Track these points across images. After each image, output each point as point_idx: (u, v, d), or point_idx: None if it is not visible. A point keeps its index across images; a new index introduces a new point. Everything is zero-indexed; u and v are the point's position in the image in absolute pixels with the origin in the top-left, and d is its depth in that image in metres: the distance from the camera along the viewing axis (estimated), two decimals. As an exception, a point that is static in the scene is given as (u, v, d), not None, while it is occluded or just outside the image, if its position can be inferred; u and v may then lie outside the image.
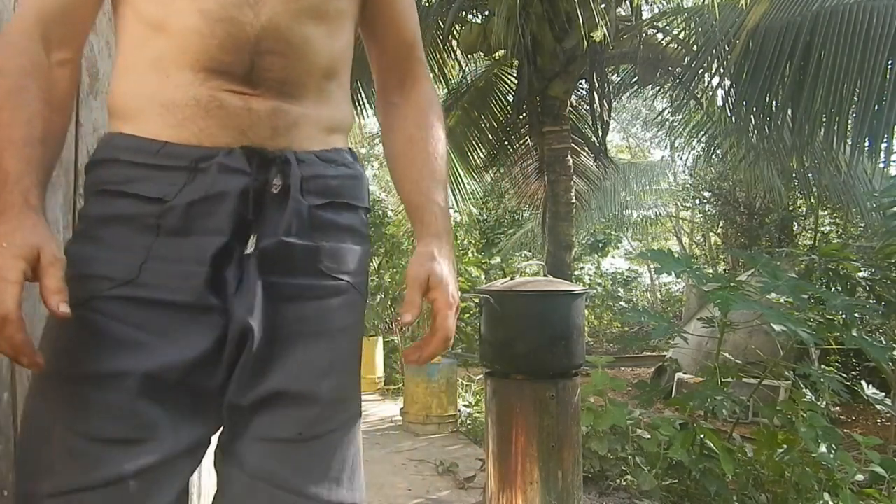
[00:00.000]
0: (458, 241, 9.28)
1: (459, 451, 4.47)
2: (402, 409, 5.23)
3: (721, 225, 11.27)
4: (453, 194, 8.12)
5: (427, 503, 3.57)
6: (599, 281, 13.06)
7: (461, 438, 4.82)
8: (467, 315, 8.00)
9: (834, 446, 4.52)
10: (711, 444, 4.24)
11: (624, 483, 4.24)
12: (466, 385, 6.01)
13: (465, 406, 5.54)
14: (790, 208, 9.52)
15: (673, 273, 5.36)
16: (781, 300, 4.65)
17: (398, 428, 5.15)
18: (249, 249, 0.91)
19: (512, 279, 2.37)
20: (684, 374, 6.27)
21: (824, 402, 4.87)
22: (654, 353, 7.96)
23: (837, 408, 5.96)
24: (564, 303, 2.30)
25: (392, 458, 4.40)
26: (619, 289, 12.94)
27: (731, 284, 4.50)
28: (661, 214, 13.03)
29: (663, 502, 4.13)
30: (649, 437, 4.45)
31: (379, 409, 5.80)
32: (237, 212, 0.90)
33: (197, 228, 0.89)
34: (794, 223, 9.96)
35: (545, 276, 2.52)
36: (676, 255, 4.88)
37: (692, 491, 4.25)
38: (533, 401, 2.23)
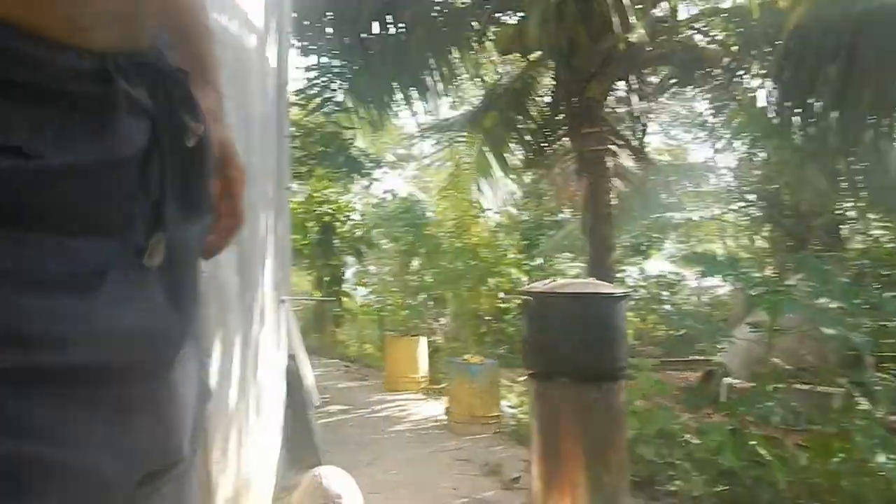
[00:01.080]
0: (498, 243, 9.25)
1: (503, 452, 4.44)
2: (446, 408, 5.22)
3: (767, 228, 11.04)
4: (491, 194, 8.11)
5: (473, 503, 3.55)
6: (643, 284, 12.89)
7: (505, 439, 4.80)
8: (510, 315, 7.97)
9: (892, 456, 4.39)
10: (763, 452, 4.16)
11: (673, 489, 4.16)
12: (510, 386, 5.98)
13: (509, 407, 5.50)
14: (838, 211, 9.29)
15: (719, 276, 5.28)
16: (832, 305, 4.54)
17: (442, 427, 5.14)
18: (154, 260, 0.54)
19: (554, 281, 2.35)
20: (733, 378, 6.13)
21: (881, 412, 4.72)
22: (700, 358, 7.82)
23: (894, 417, 5.77)
24: (606, 305, 2.27)
25: (436, 457, 4.39)
26: (664, 292, 12.76)
27: (780, 288, 4.41)
28: (704, 217, 12.81)
29: (713, 510, 4.04)
30: (698, 442, 4.37)
31: (422, 409, 5.80)
32: (138, 189, 0.53)
33: (75, 220, 0.48)
34: (843, 226, 9.71)
35: (587, 278, 2.49)
36: (722, 259, 4.80)
37: (743, 498, 4.15)
38: (577, 404, 2.20)
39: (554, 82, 6.72)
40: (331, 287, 9.50)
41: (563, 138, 7.37)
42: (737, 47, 5.46)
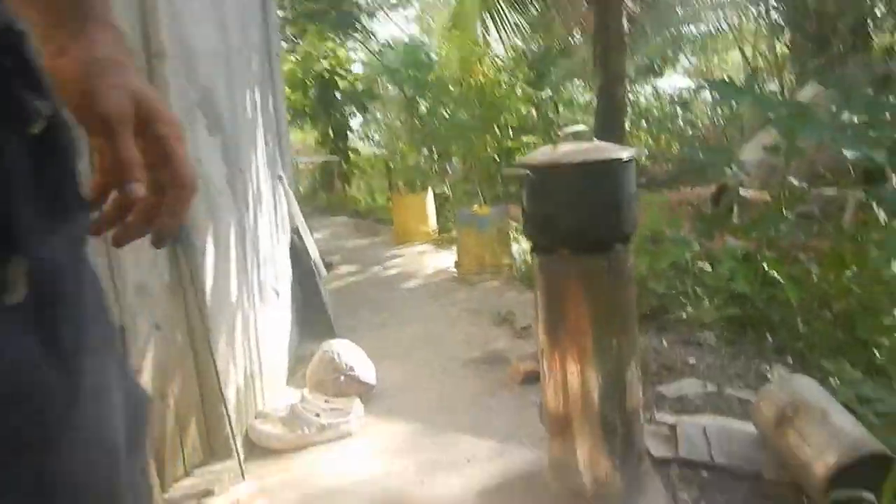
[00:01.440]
0: (506, 80, 8.85)
1: (515, 300, 4.47)
2: (456, 261, 5.23)
3: (787, 32, 10.42)
4: (496, 28, 7.67)
5: (485, 355, 3.62)
6: (656, 104, 12.49)
7: (516, 286, 4.81)
8: (520, 153, 7.76)
9: None
10: (775, 273, 4.15)
11: (684, 316, 4.20)
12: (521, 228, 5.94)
13: (519, 252, 5.47)
14: (864, 8, 8.68)
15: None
16: (854, 119, 4.33)
17: (453, 279, 5.17)
18: (14, 295, 0.42)
19: (554, 148, 2.17)
20: (745, 191, 5.92)
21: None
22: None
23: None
24: (612, 172, 2.08)
25: (448, 310, 4.45)
26: (677, 108, 12.35)
27: (799, 111, 4.19)
28: (721, 28, 12.09)
29: (724, 332, 4.10)
30: (710, 269, 4.35)
31: (433, 261, 5.82)
32: None
33: None
34: (870, 23, 9.10)
35: (590, 139, 2.29)
36: (737, 85, 4.55)
37: (754, 320, 4.20)
38: (582, 275, 2.10)
39: None
40: (336, 143, 9.33)
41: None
42: None
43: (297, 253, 4.07)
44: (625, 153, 2.11)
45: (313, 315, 4.02)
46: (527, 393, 3.10)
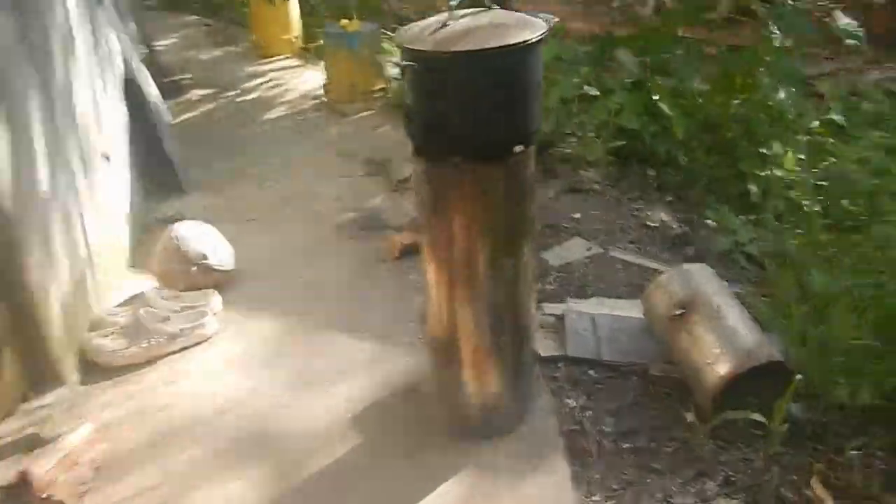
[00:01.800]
0: None
1: (392, 137, 4.05)
2: (324, 85, 4.62)
3: None
4: None
5: (360, 216, 3.29)
6: None
7: (392, 116, 4.32)
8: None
9: (793, 89, 4.29)
10: (664, 108, 3.95)
11: (569, 152, 3.97)
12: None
13: (396, 75, 4.88)
14: None
15: None
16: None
17: (322, 108, 4.59)
18: None
19: (444, 26, 1.66)
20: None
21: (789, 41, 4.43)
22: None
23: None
24: (518, 59, 1.63)
25: (316, 153, 3.96)
26: None
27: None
28: None
29: (610, 166, 3.93)
30: (598, 93, 4.07)
31: (300, 81, 5.12)
32: None
33: None
34: None
35: (488, 6, 1.77)
36: None
37: (639, 153, 4.05)
38: (476, 186, 1.73)
39: None
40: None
41: None
42: None
43: (132, 91, 3.40)
44: (532, 31, 1.64)
45: (158, 169, 3.46)
46: (405, 270, 2.85)
